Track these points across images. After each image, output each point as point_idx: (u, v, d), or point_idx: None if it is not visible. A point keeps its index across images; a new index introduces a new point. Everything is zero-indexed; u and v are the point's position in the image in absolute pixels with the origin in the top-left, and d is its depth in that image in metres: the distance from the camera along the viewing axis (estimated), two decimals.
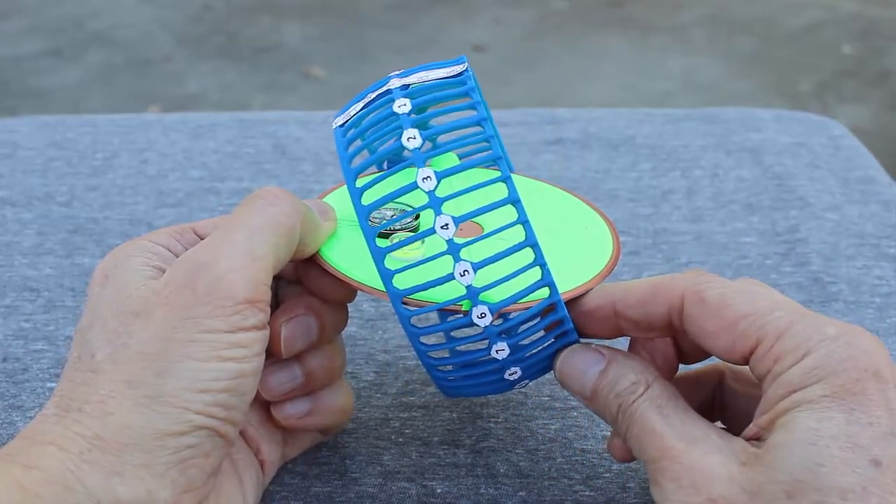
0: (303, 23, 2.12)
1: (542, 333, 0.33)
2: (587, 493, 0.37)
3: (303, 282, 0.35)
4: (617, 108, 0.64)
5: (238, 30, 2.09)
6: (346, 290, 0.35)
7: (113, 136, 0.59)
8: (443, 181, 0.31)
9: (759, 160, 0.57)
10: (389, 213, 0.36)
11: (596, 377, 0.32)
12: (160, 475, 0.28)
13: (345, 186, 0.38)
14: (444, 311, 0.33)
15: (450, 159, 0.38)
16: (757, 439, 0.28)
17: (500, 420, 0.40)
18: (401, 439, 0.39)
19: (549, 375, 0.42)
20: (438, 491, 0.37)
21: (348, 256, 0.34)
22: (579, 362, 0.33)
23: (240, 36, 2.06)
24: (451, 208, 0.31)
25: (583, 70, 1.94)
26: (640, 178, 0.56)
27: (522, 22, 2.13)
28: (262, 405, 0.35)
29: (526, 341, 0.33)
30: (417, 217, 0.36)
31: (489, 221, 0.36)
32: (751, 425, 0.29)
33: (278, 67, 1.94)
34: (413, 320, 0.32)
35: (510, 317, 0.32)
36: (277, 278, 0.35)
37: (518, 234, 0.31)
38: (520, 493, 0.37)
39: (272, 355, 0.34)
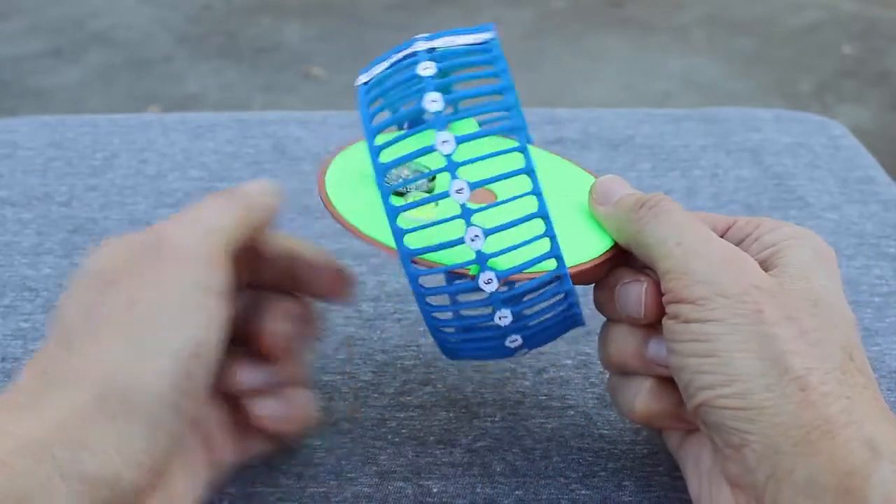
0: (303, 23, 2.12)
1: (546, 304, 0.34)
2: (583, 492, 0.37)
3: (293, 277, 0.36)
4: (617, 108, 0.64)
5: (238, 30, 2.09)
6: (339, 282, 0.36)
7: (113, 136, 0.59)
8: (460, 146, 0.31)
9: (758, 160, 0.57)
10: (406, 173, 0.36)
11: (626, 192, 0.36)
12: (128, 454, 0.28)
13: (358, 144, 0.38)
14: (452, 273, 0.33)
15: (469, 125, 0.38)
16: None
17: (496, 419, 0.40)
18: (397, 439, 0.39)
19: (547, 373, 0.42)
20: (435, 490, 0.37)
21: (362, 211, 0.34)
22: (614, 181, 0.36)
23: (240, 36, 2.06)
24: (467, 173, 0.32)
25: (583, 70, 1.93)
26: (639, 178, 0.56)
27: (522, 22, 2.13)
28: (222, 404, 0.35)
29: (529, 311, 0.34)
30: (433, 179, 0.36)
31: (503, 190, 0.36)
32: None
33: (278, 67, 1.94)
34: (420, 280, 0.32)
35: (516, 285, 0.33)
36: (256, 288, 0.36)
37: (530, 204, 0.32)
38: (516, 493, 0.37)
39: (244, 345, 0.35)
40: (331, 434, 0.39)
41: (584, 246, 0.35)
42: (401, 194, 0.35)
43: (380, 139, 0.32)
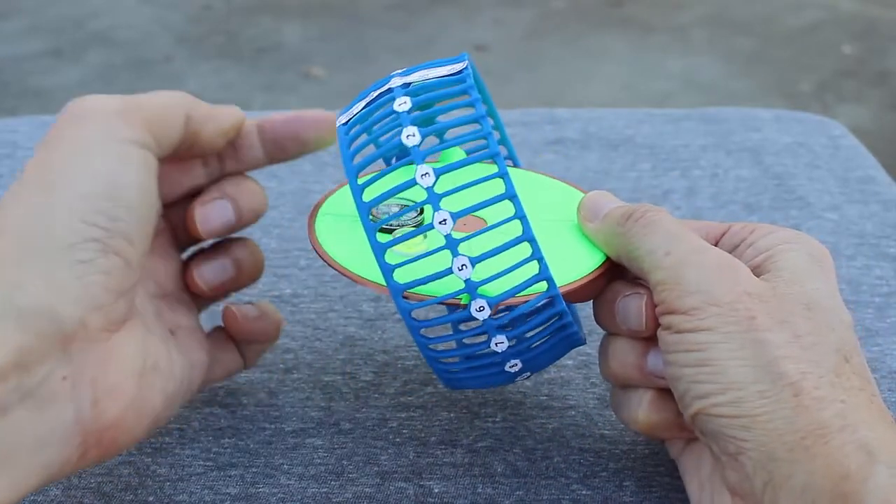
0: (303, 23, 2.12)
1: (542, 327, 0.34)
2: (584, 492, 0.37)
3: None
4: (617, 108, 0.63)
5: (238, 30, 2.09)
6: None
7: None
8: (446, 176, 0.31)
9: (758, 160, 0.57)
10: (395, 209, 0.36)
11: (614, 205, 0.35)
12: (61, 289, 0.29)
13: (345, 187, 0.39)
14: (445, 304, 0.33)
15: (457, 153, 0.38)
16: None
17: (497, 420, 0.40)
18: (398, 439, 0.39)
19: (548, 374, 0.42)
20: (436, 491, 0.37)
21: (353, 253, 0.35)
22: (602, 196, 0.36)
23: (240, 36, 2.06)
24: (454, 203, 0.32)
25: (583, 70, 1.93)
26: (639, 177, 0.56)
27: (523, 22, 2.13)
28: (192, 310, 0.38)
29: (525, 335, 0.34)
30: (422, 212, 0.36)
31: (492, 216, 0.36)
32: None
33: (278, 67, 1.94)
34: (413, 314, 0.32)
35: (510, 310, 0.33)
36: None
37: (516, 228, 0.32)
38: (517, 493, 0.37)
39: (196, 241, 0.38)
40: (332, 434, 0.39)
41: (576, 264, 0.35)
42: (390, 230, 0.35)
43: (362, 178, 0.33)
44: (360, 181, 0.32)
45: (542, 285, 0.32)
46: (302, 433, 0.39)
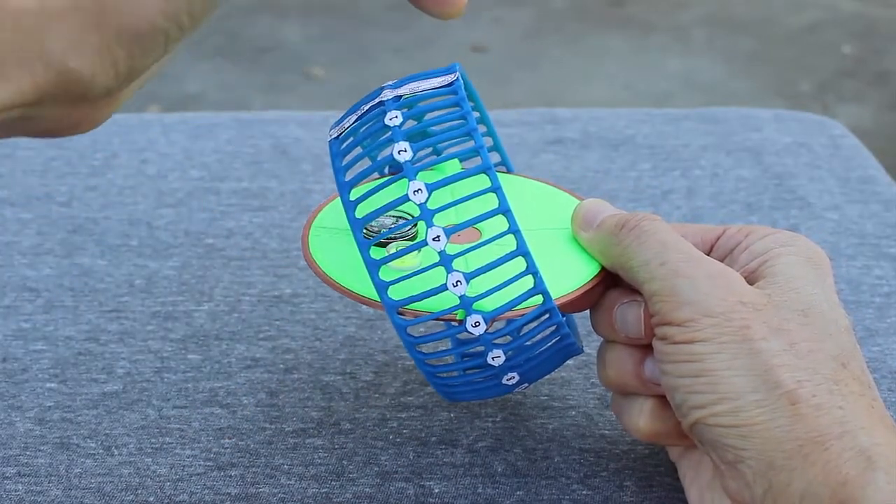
0: (303, 23, 2.12)
1: (538, 339, 0.33)
2: (584, 493, 0.37)
3: None
4: (617, 108, 0.63)
5: (238, 30, 2.09)
6: None
7: (113, 136, 0.59)
8: (442, 189, 0.31)
9: (759, 160, 0.57)
10: (390, 222, 0.36)
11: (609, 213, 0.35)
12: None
13: (338, 199, 0.38)
14: (440, 320, 0.33)
15: (453, 166, 0.38)
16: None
17: (497, 419, 0.40)
18: (398, 439, 0.39)
19: (547, 375, 0.42)
20: (436, 491, 0.37)
21: (347, 267, 0.34)
22: (596, 205, 0.36)
23: (240, 36, 2.06)
24: (450, 216, 0.32)
25: (583, 70, 1.93)
26: (640, 177, 0.56)
27: (522, 22, 2.13)
28: None
29: (522, 347, 0.33)
30: (416, 225, 0.36)
31: (488, 227, 0.36)
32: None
33: (278, 67, 1.94)
34: (409, 329, 0.32)
35: (505, 324, 0.33)
36: None
37: (510, 242, 0.31)
38: (517, 493, 0.37)
39: None
40: (332, 434, 0.39)
41: (571, 274, 0.34)
42: (385, 244, 0.35)
43: (355, 193, 0.32)
44: (353, 196, 0.32)
45: (538, 298, 0.32)
46: (302, 433, 0.39)
